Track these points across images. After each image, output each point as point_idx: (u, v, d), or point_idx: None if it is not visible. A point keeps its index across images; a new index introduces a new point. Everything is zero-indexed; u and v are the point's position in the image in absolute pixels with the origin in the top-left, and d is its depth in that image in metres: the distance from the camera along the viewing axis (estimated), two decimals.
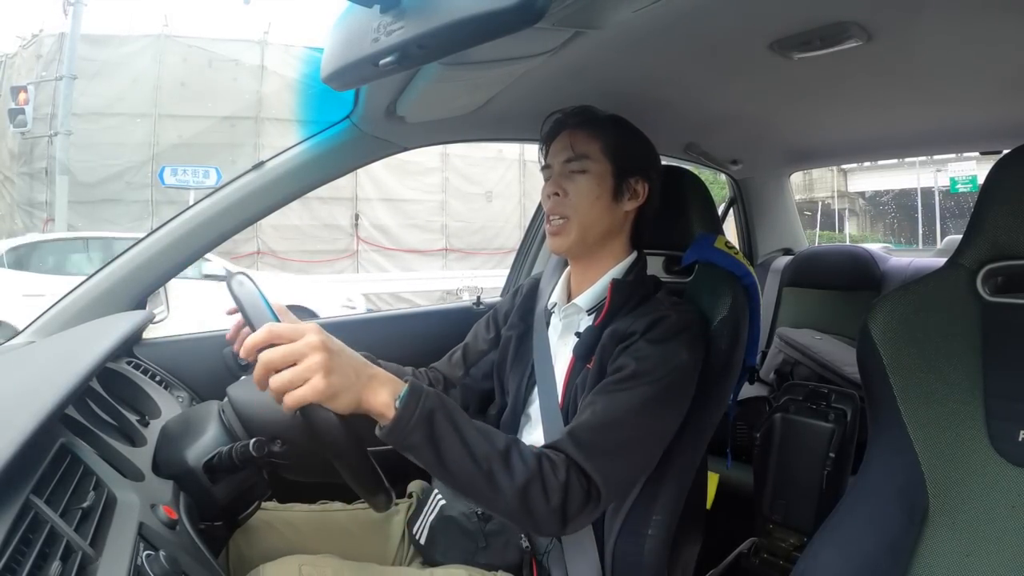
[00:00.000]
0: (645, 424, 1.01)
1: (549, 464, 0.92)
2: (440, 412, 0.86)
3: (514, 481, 0.88)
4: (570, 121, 1.21)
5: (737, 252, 1.24)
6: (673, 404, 1.06)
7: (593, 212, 1.16)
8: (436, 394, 0.88)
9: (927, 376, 0.98)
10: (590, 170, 1.16)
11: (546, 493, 0.90)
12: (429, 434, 0.85)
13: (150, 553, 0.69)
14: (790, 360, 2.19)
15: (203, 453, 0.93)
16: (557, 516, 0.91)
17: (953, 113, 1.61)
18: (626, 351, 1.06)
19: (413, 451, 0.86)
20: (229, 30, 10.65)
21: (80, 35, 8.69)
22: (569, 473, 0.93)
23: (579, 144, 1.17)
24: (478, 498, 0.91)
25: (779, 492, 1.76)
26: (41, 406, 0.72)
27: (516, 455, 0.90)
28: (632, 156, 1.20)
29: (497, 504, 0.90)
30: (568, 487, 0.92)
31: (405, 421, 0.83)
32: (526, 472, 0.89)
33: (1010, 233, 0.93)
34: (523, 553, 1.11)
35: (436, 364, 1.42)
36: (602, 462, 0.95)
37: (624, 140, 1.20)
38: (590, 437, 0.97)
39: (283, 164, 1.42)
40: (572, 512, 0.92)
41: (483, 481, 0.88)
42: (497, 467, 0.88)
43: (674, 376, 1.03)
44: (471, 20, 0.73)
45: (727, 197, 2.73)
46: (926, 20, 1.01)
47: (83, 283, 1.37)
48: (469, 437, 0.88)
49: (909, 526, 0.94)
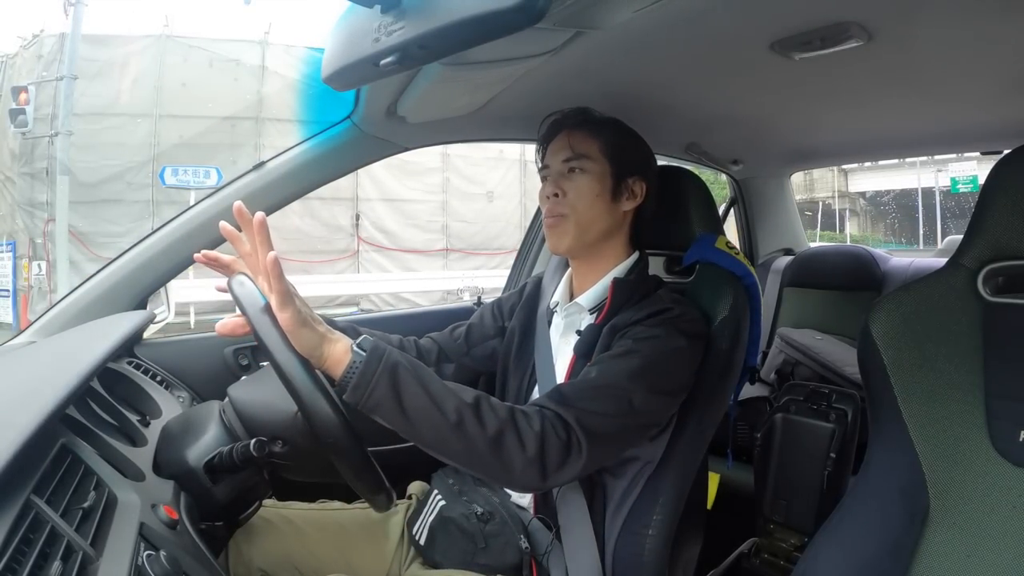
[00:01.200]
0: (636, 391, 1.00)
1: (522, 415, 0.92)
2: (403, 366, 0.86)
3: (485, 431, 0.88)
4: (568, 122, 1.22)
5: (738, 252, 1.24)
6: (664, 385, 1.05)
7: (592, 211, 1.17)
8: (399, 352, 0.88)
9: (928, 376, 0.98)
10: (589, 170, 1.17)
11: (521, 442, 0.89)
12: (392, 387, 0.85)
13: (151, 553, 0.69)
14: (791, 360, 2.19)
15: (204, 453, 0.93)
16: (535, 466, 0.90)
17: (954, 113, 1.61)
18: (625, 335, 1.07)
19: (377, 407, 0.86)
20: (230, 30, 10.65)
21: (81, 35, 8.66)
22: (544, 423, 0.92)
23: (578, 144, 1.18)
24: (449, 453, 0.90)
25: (780, 492, 1.76)
26: (42, 406, 0.72)
27: (486, 405, 0.90)
28: (630, 157, 1.21)
29: (471, 457, 0.89)
30: (544, 436, 0.91)
31: (369, 375, 0.84)
32: (497, 422, 0.89)
33: (1011, 233, 0.93)
34: (523, 554, 1.11)
35: (433, 334, 1.40)
36: (583, 414, 0.95)
37: (622, 141, 1.21)
38: (572, 392, 0.98)
39: (284, 164, 1.42)
40: (551, 462, 0.91)
41: (453, 433, 0.87)
42: (468, 417, 0.87)
43: (669, 355, 1.04)
44: (472, 20, 0.73)
45: (728, 197, 2.73)
46: (927, 20, 1.01)
47: (84, 283, 1.37)
48: (435, 390, 0.88)
49: (910, 526, 0.94)
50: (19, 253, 9.24)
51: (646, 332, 1.06)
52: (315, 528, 1.21)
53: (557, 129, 1.22)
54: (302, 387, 0.83)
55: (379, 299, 10.75)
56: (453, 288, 10.11)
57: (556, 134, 1.22)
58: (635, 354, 1.03)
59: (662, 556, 1.14)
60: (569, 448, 0.92)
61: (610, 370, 1.01)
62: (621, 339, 1.07)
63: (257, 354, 1.55)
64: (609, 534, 1.13)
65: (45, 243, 9.00)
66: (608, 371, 1.01)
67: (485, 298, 2.03)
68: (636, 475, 1.13)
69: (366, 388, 0.84)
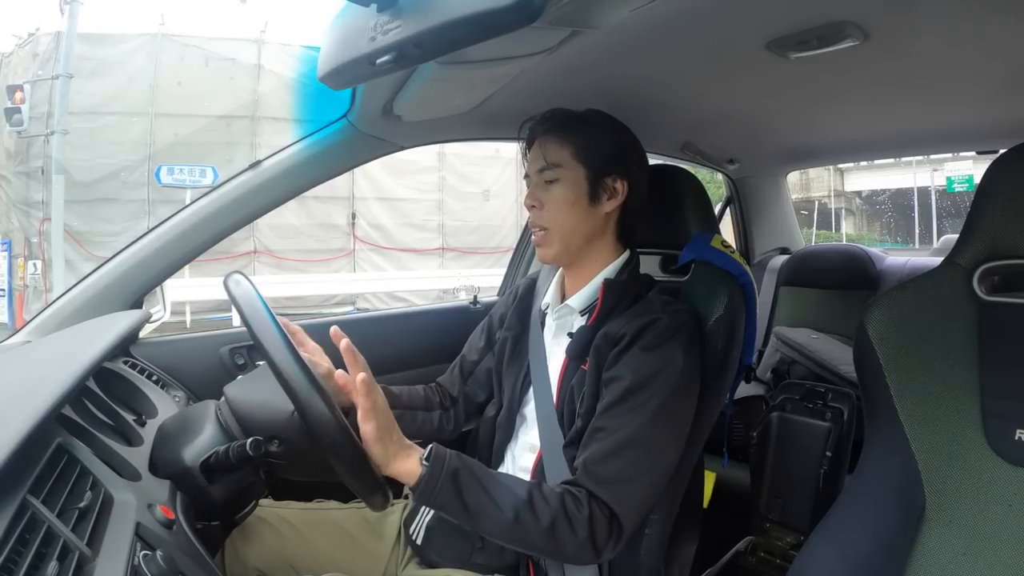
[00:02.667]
0: (657, 437, 1.02)
1: (572, 500, 0.97)
2: (463, 471, 0.95)
3: (540, 522, 0.95)
4: (539, 129, 1.19)
5: (733, 251, 1.24)
6: (679, 407, 1.06)
7: (570, 220, 1.15)
8: (456, 455, 0.97)
9: (923, 375, 0.98)
10: (562, 178, 1.15)
11: (573, 528, 0.96)
12: (455, 491, 0.93)
13: (147, 553, 0.68)
14: (787, 359, 2.19)
15: (200, 453, 0.93)
16: (588, 547, 0.97)
17: (949, 112, 1.62)
18: (620, 360, 1.06)
19: (443, 507, 0.95)
20: (226, 29, 10.60)
21: (76, 34, 8.64)
22: (592, 506, 0.97)
23: (550, 153, 1.15)
24: (509, 541, 0.98)
25: (776, 491, 1.76)
26: (38, 406, 0.72)
27: (539, 498, 0.97)
28: (606, 155, 1.16)
29: (529, 544, 0.98)
30: (592, 519, 0.97)
31: (434, 481, 0.92)
32: (550, 512, 0.96)
33: (1006, 232, 0.93)
34: (519, 555, 1.11)
35: (441, 379, 1.43)
36: (619, 490, 0.99)
37: (596, 141, 1.16)
38: (604, 468, 1.01)
39: (279, 163, 1.42)
40: (600, 542, 0.97)
41: (511, 527, 0.95)
42: (523, 512, 0.95)
43: (674, 382, 1.03)
44: (468, 19, 0.73)
45: (724, 196, 2.73)
46: (922, 20, 1.01)
47: (79, 282, 1.37)
48: (492, 489, 0.96)
49: (905, 525, 0.94)
50: (15, 252, 9.22)
51: (642, 359, 1.04)
52: (311, 528, 1.21)
53: (532, 137, 1.20)
54: (299, 387, 0.83)
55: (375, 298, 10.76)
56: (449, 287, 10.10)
57: (532, 141, 1.19)
58: (640, 396, 1.02)
59: (658, 555, 1.14)
60: (613, 525, 0.99)
61: (624, 425, 1.02)
62: (618, 362, 1.06)
63: (253, 353, 1.55)
64: None
65: (41, 242, 8.99)
66: (626, 429, 1.01)
67: (481, 297, 2.04)
68: None
69: (431, 495, 0.93)
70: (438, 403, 1.36)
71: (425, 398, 1.35)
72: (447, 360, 1.45)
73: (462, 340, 1.44)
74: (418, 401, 1.33)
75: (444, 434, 1.36)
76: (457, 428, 1.38)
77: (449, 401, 1.38)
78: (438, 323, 1.98)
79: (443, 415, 1.35)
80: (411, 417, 1.30)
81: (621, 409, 1.03)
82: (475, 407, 1.38)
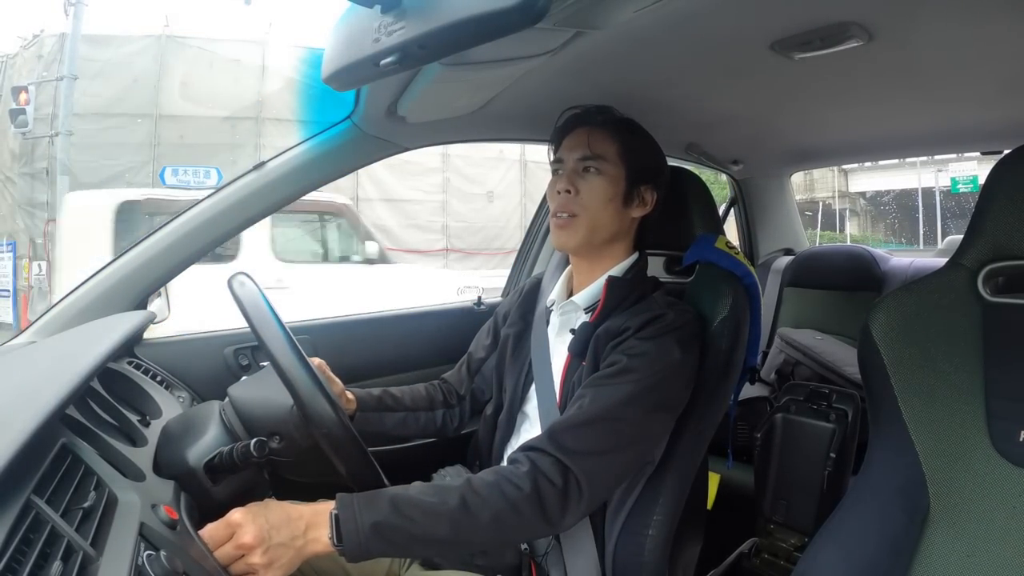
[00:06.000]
0: (633, 419, 1.01)
1: (509, 483, 0.94)
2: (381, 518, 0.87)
3: (480, 521, 0.91)
4: (589, 119, 1.20)
5: (738, 252, 1.24)
6: (664, 402, 1.06)
7: (604, 215, 1.16)
8: (366, 500, 0.89)
9: (928, 376, 0.98)
10: (605, 171, 1.16)
11: (517, 510, 0.93)
12: (384, 538, 0.87)
13: (151, 553, 0.68)
14: (791, 360, 2.19)
15: (204, 453, 0.93)
16: (540, 522, 0.94)
17: (954, 113, 1.61)
18: (618, 347, 1.06)
19: (384, 554, 0.93)
20: (230, 30, 10.60)
21: (81, 35, 8.66)
22: (536, 478, 0.94)
23: (597, 144, 1.16)
24: (465, 547, 0.99)
25: (780, 492, 1.76)
26: (42, 406, 0.72)
27: (472, 497, 0.92)
28: (646, 164, 1.19)
29: (485, 544, 1.00)
30: (538, 492, 0.94)
31: (355, 545, 0.86)
32: (487, 507, 0.92)
33: (1011, 233, 0.93)
34: (522, 555, 1.11)
35: (447, 375, 1.43)
36: (578, 456, 0.97)
37: (640, 147, 1.20)
38: (567, 431, 0.99)
39: (284, 164, 1.42)
40: (553, 513, 0.94)
41: (456, 540, 0.92)
42: (461, 521, 0.90)
43: (665, 373, 1.04)
44: (472, 20, 0.73)
45: (728, 197, 2.73)
46: (927, 20, 1.01)
47: (84, 283, 1.37)
48: (419, 518, 0.89)
49: (910, 526, 0.94)
50: (19, 253, 9.23)
51: (639, 347, 1.05)
52: None
53: (576, 124, 1.20)
54: (303, 387, 0.83)
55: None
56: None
57: (574, 129, 1.20)
58: (628, 375, 1.02)
59: (662, 556, 1.14)
60: (567, 494, 0.95)
61: (603, 397, 1.01)
62: (614, 351, 1.06)
63: (257, 354, 1.55)
64: (609, 535, 1.13)
65: (45, 243, 9.00)
66: (601, 398, 1.01)
67: (485, 298, 2.04)
68: (636, 475, 1.13)
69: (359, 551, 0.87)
70: (441, 401, 1.37)
71: (427, 397, 1.36)
72: (450, 360, 1.45)
73: (466, 341, 1.45)
74: (420, 401, 1.34)
75: (447, 432, 1.37)
76: (461, 426, 1.38)
77: (455, 399, 1.39)
78: (441, 324, 1.98)
79: (447, 413, 1.36)
80: (414, 418, 1.31)
81: (605, 382, 1.03)
82: (481, 405, 1.39)
